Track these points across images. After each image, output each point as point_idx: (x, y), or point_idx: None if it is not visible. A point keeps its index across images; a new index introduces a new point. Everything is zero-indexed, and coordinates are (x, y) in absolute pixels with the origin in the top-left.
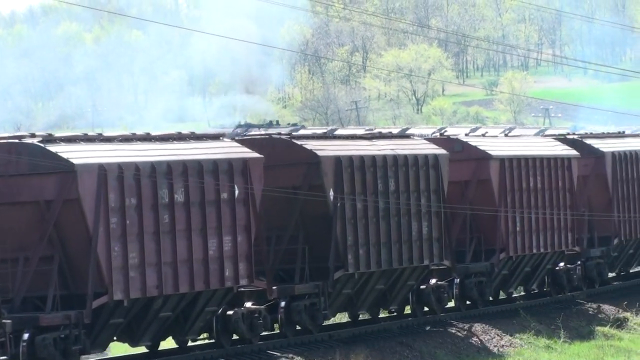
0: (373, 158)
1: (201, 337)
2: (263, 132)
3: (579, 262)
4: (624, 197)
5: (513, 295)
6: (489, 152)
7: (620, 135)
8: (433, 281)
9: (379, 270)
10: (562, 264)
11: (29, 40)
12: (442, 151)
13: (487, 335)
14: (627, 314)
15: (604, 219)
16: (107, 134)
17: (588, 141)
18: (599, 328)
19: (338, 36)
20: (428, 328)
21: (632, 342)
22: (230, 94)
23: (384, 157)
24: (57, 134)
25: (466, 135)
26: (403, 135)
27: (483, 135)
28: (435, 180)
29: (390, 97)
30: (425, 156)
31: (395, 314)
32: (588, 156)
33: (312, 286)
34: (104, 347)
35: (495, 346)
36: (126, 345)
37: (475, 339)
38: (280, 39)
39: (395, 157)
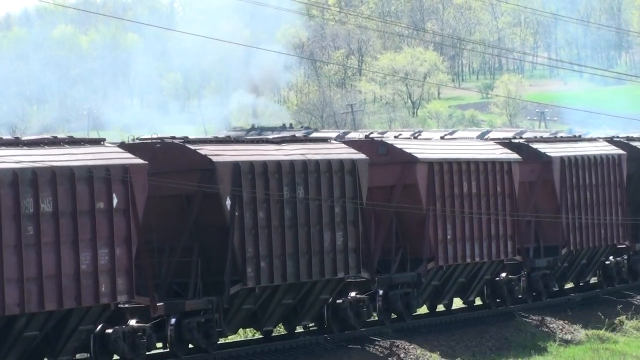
0: (278, 164)
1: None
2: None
3: (523, 273)
4: (574, 205)
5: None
6: (416, 155)
7: (574, 139)
8: (353, 294)
9: (285, 284)
10: (503, 274)
11: (24, 43)
12: (360, 156)
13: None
14: (622, 317)
15: (552, 228)
16: None
17: (535, 145)
18: (593, 331)
19: (334, 39)
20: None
21: (627, 345)
22: (231, 96)
23: (291, 162)
24: None
25: (395, 137)
26: (318, 139)
27: (415, 137)
28: (351, 186)
29: (386, 100)
30: (341, 161)
31: (316, 328)
32: (534, 161)
33: (205, 302)
34: None
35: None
36: None
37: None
38: (277, 42)
39: (304, 163)
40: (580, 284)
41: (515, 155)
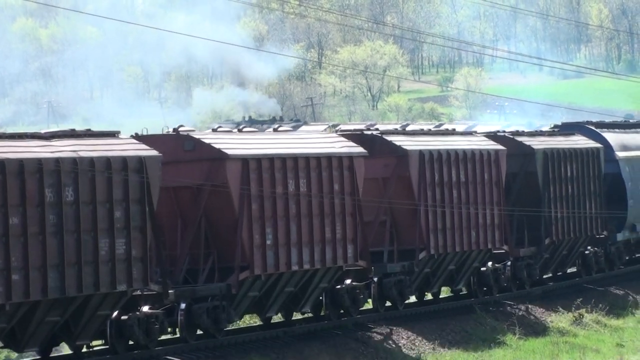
0: (39, 161)
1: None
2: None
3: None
4: (436, 204)
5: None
6: (226, 150)
7: (445, 132)
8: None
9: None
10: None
11: None
12: (150, 152)
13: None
14: (582, 311)
15: (409, 230)
16: None
17: (390, 138)
18: (553, 324)
19: (294, 32)
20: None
21: (587, 339)
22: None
23: (57, 160)
24: None
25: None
26: (101, 133)
27: (275, 129)
28: (138, 187)
29: (346, 93)
30: (124, 159)
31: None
32: (389, 155)
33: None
34: None
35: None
36: None
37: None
38: (237, 36)
39: (75, 161)
40: (426, 295)
41: (359, 149)
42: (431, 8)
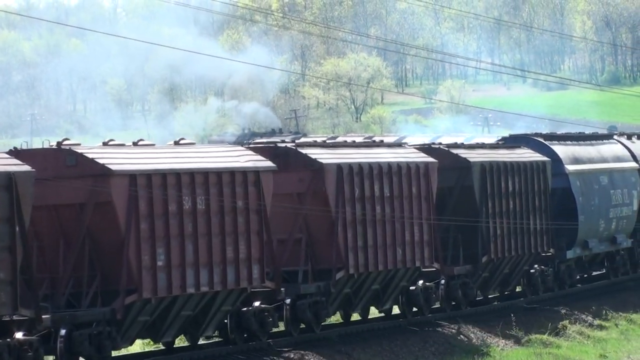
0: None
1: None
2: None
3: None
4: (356, 221)
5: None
6: (110, 166)
7: (371, 144)
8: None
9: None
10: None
11: None
12: (22, 168)
13: None
14: (566, 322)
15: (326, 248)
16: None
17: (305, 151)
18: (537, 336)
19: (277, 45)
20: None
21: (570, 350)
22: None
23: None
24: None
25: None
26: None
27: (176, 142)
28: (7, 205)
29: (330, 105)
30: None
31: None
32: (304, 169)
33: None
34: None
35: None
36: None
37: None
38: (220, 48)
39: None
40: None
41: (267, 163)
42: (415, 20)
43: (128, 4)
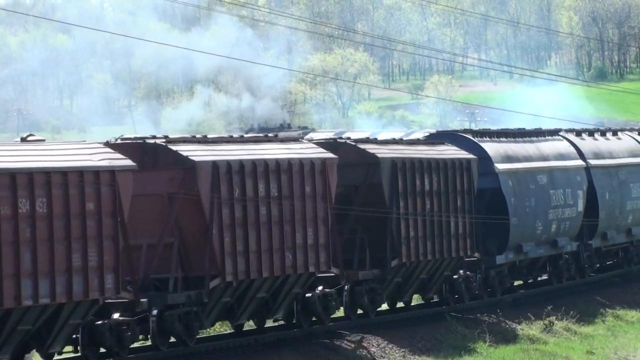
0: None
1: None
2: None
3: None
4: (234, 224)
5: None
6: None
7: (260, 139)
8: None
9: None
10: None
11: None
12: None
13: None
14: (553, 318)
15: (199, 254)
16: None
17: (176, 147)
18: (523, 332)
19: (263, 40)
20: None
21: (557, 346)
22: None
23: None
24: None
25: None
26: None
27: (23, 139)
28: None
29: (316, 101)
30: None
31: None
32: (176, 167)
33: None
34: None
35: None
36: None
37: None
38: (207, 44)
39: None
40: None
41: (125, 162)
42: (402, 15)
43: None
